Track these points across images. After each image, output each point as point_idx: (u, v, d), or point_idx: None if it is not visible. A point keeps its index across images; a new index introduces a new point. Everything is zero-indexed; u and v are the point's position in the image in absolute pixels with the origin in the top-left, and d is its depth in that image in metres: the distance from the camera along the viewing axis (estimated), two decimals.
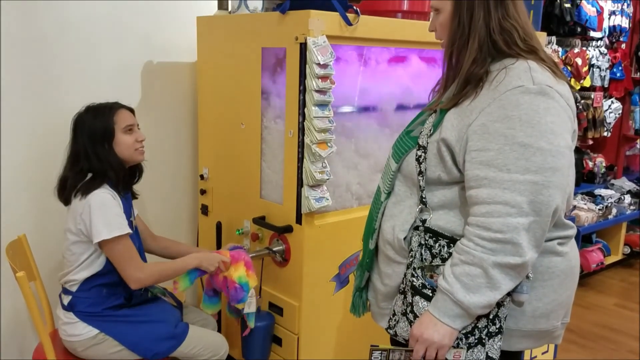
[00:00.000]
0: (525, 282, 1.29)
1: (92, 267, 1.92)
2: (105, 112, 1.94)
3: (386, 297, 1.49)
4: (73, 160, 1.95)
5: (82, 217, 1.86)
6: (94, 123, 1.92)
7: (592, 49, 4.07)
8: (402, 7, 2.39)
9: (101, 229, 1.83)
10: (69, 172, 1.95)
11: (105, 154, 1.91)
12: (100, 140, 1.91)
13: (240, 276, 2.02)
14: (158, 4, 2.59)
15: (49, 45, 2.31)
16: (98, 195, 1.86)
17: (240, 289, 2.01)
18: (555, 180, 1.21)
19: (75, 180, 1.91)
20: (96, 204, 1.85)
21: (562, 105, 1.27)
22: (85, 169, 1.91)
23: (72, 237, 1.91)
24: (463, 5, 1.33)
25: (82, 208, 1.86)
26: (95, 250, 1.90)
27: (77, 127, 1.95)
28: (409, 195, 1.42)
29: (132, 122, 1.98)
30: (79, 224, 1.87)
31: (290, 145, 2.10)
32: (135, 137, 1.98)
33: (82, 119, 1.95)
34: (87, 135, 1.92)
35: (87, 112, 1.96)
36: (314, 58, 1.94)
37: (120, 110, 1.97)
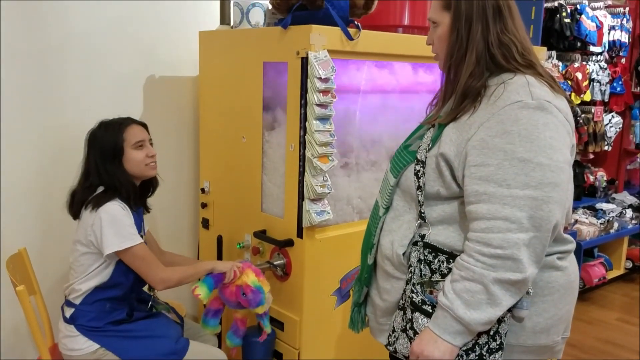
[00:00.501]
0: (525, 297, 1.28)
1: (98, 277, 1.93)
2: (115, 128, 1.96)
3: (385, 313, 1.48)
4: (85, 175, 1.98)
5: (93, 229, 1.87)
6: (104, 139, 1.95)
7: (592, 64, 4.08)
8: (402, 22, 2.41)
9: (113, 240, 1.85)
10: (78, 187, 1.97)
11: (115, 171, 1.93)
12: (110, 157, 1.94)
13: (254, 281, 2.04)
14: (161, 18, 2.61)
15: (52, 58, 2.33)
16: (109, 207, 1.88)
17: (257, 292, 2.03)
18: (555, 196, 1.21)
19: (84, 194, 1.94)
20: (107, 216, 1.86)
21: (561, 120, 1.27)
22: (95, 184, 1.94)
23: (82, 248, 1.92)
24: (461, 19, 1.33)
25: (93, 220, 1.88)
26: (104, 261, 1.92)
27: (90, 142, 1.98)
28: (408, 210, 1.42)
29: (143, 138, 2.00)
30: (89, 235, 1.88)
31: (291, 158, 2.11)
32: (146, 152, 1.99)
33: (94, 135, 1.98)
34: (97, 151, 1.94)
35: (99, 127, 1.99)
36: (316, 72, 1.95)
37: (130, 126, 1.98)
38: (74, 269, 1.96)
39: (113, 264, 1.92)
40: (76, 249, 1.94)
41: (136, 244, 1.88)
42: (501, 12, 1.33)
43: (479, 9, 1.32)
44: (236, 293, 2.03)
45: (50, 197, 2.37)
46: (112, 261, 1.92)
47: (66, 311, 1.96)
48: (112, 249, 1.85)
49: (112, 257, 1.91)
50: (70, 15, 2.34)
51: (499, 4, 1.33)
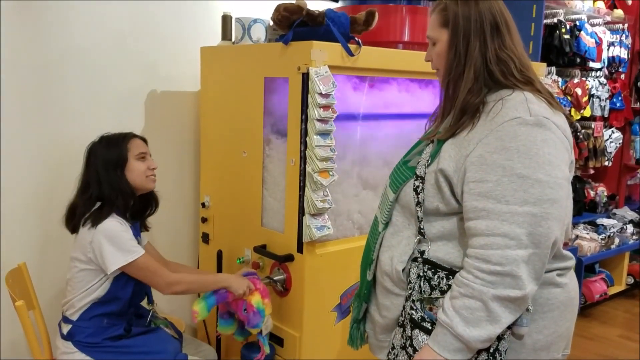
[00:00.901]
0: (525, 314, 1.27)
1: (96, 293, 1.92)
2: (119, 140, 2.00)
3: (384, 330, 1.47)
4: (84, 188, 1.98)
5: (92, 246, 1.87)
6: (108, 150, 1.97)
7: (592, 79, 4.10)
8: (402, 38, 2.42)
9: (116, 256, 1.86)
10: (79, 200, 1.97)
11: (117, 180, 1.95)
12: (113, 167, 1.95)
13: (258, 302, 2.04)
14: (163, 34, 2.62)
15: (54, 72, 2.34)
16: (107, 225, 1.88)
17: (258, 314, 2.03)
18: (554, 212, 1.21)
19: (85, 207, 1.94)
20: (107, 234, 1.87)
21: (559, 136, 1.27)
22: (94, 196, 1.94)
23: (80, 265, 1.91)
24: (459, 36, 1.34)
25: (92, 237, 1.87)
26: (102, 277, 1.91)
27: (90, 155, 1.99)
28: (407, 225, 1.42)
29: (145, 150, 2.03)
30: (88, 253, 1.88)
31: (292, 173, 2.11)
32: (148, 164, 2.02)
33: (95, 148, 1.99)
34: (100, 163, 1.95)
35: (101, 141, 2.01)
36: (316, 88, 1.96)
37: (134, 139, 2.02)
38: (72, 285, 1.95)
39: (111, 278, 1.91)
40: (74, 265, 1.93)
41: (140, 255, 1.88)
42: (499, 29, 1.34)
43: (476, 25, 1.33)
44: (240, 306, 2.03)
45: (50, 212, 2.36)
46: (111, 276, 1.91)
47: (63, 327, 1.95)
48: (118, 264, 1.85)
49: (113, 273, 1.90)
50: (72, 30, 2.36)
51: (496, 21, 1.34)
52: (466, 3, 1.35)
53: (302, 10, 2.04)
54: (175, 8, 2.65)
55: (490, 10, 1.34)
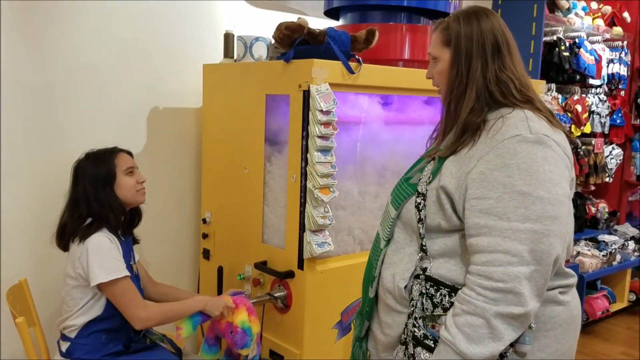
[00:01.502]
0: (527, 332, 1.27)
1: (91, 312, 1.90)
2: (106, 156, 1.98)
3: (387, 348, 1.46)
4: (72, 207, 1.96)
5: (81, 261, 1.86)
6: (95, 168, 1.95)
7: (592, 96, 4.12)
8: (403, 56, 2.44)
9: (98, 272, 1.83)
10: (68, 219, 1.96)
11: (107, 197, 1.93)
12: (102, 184, 1.93)
13: (243, 321, 1.99)
14: (166, 52, 2.65)
15: (56, 89, 2.35)
16: (95, 239, 1.87)
17: (244, 334, 1.98)
18: (555, 229, 1.21)
19: (74, 225, 1.92)
20: (93, 248, 1.85)
21: (560, 154, 1.28)
22: (84, 214, 1.93)
23: (71, 282, 1.90)
24: (461, 56, 1.36)
25: (80, 252, 1.87)
26: (95, 294, 1.89)
27: (78, 173, 1.97)
28: (409, 242, 1.42)
29: (133, 165, 2.01)
30: (77, 268, 1.87)
31: (292, 190, 2.12)
32: (136, 178, 2.01)
33: (82, 166, 1.97)
34: (88, 180, 1.93)
35: (88, 158, 1.99)
36: (317, 105, 1.97)
37: (120, 154, 2.00)
38: (66, 303, 1.93)
39: (105, 296, 1.90)
40: (67, 282, 1.92)
41: (121, 276, 1.85)
42: (500, 50, 1.36)
43: (478, 46, 1.35)
44: (225, 329, 2.00)
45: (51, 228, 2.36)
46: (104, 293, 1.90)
47: (62, 345, 1.94)
48: (98, 280, 1.82)
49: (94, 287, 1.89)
50: (76, 46, 2.38)
51: (497, 42, 1.35)
52: (468, 23, 1.36)
53: (304, 28, 2.06)
54: (178, 26, 2.67)
55: (492, 30, 1.36)
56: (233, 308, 2.01)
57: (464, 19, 1.37)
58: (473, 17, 1.37)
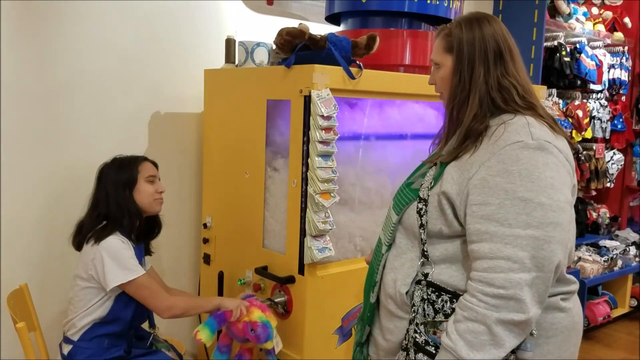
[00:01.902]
0: (529, 339, 1.27)
1: (97, 312, 1.93)
2: (131, 162, 2.05)
3: (388, 353, 1.46)
4: (93, 207, 2.01)
5: (94, 263, 1.88)
6: (119, 172, 2.01)
7: (593, 101, 4.12)
8: (403, 62, 2.45)
9: (117, 273, 1.86)
10: (86, 218, 2.01)
11: (125, 201, 1.98)
12: (122, 187, 1.99)
13: (260, 316, 2.03)
14: (167, 57, 2.65)
15: (58, 95, 2.36)
16: (109, 241, 1.90)
17: (265, 327, 2.01)
18: (557, 236, 1.21)
19: (91, 225, 1.97)
20: (108, 250, 1.88)
21: (561, 160, 1.28)
22: (102, 213, 1.97)
23: (82, 282, 1.92)
24: (464, 62, 1.36)
25: (94, 254, 1.89)
26: (103, 295, 1.92)
27: (102, 175, 2.04)
28: (410, 247, 1.41)
29: (155, 174, 2.08)
30: (90, 270, 1.89)
31: (293, 195, 2.12)
32: (156, 187, 2.07)
33: (107, 169, 2.04)
34: (110, 182, 1.99)
35: (113, 162, 2.05)
36: (318, 110, 1.98)
37: (145, 162, 2.08)
38: (74, 304, 1.95)
39: (112, 298, 1.91)
40: (76, 283, 1.94)
41: (139, 275, 1.89)
42: (502, 56, 1.35)
43: (480, 52, 1.35)
44: (244, 330, 2.01)
45: (53, 233, 2.37)
46: (112, 295, 1.91)
47: (64, 348, 1.95)
48: (117, 282, 1.86)
49: (113, 291, 1.90)
50: (77, 52, 2.39)
51: (500, 48, 1.35)
52: (470, 29, 1.36)
53: (305, 34, 2.07)
54: (180, 31, 2.68)
55: (494, 37, 1.36)
56: (248, 306, 2.03)
57: (466, 25, 1.37)
58: (475, 23, 1.37)
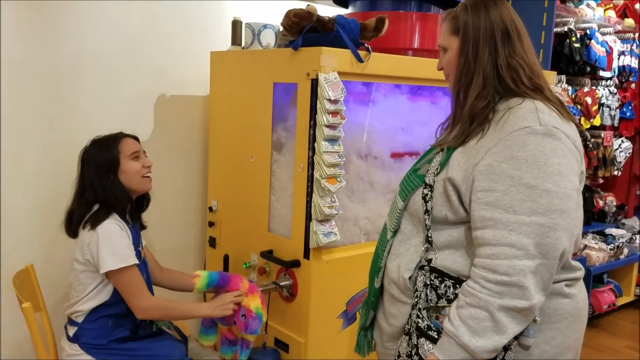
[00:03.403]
0: (532, 325, 1.26)
1: (99, 297, 1.91)
2: (109, 142, 1.97)
3: (391, 337, 1.47)
4: (79, 193, 1.96)
5: (90, 248, 1.86)
6: (99, 155, 1.95)
7: (602, 88, 4.08)
8: (412, 45, 2.42)
9: (108, 259, 1.83)
10: (75, 205, 1.96)
11: (111, 185, 1.92)
12: (105, 171, 1.93)
13: (257, 307, 2.01)
14: (173, 39, 2.64)
15: (64, 76, 2.35)
16: (106, 226, 1.87)
17: (257, 319, 1.99)
18: (562, 223, 1.20)
19: (81, 212, 1.93)
20: (104, 235, 1.86)
21: (569, 146, 1.27)
22: (90, 200, 1.93)
23: (79, 267, 1.91)
24: (469, 43, 1.35)
25: (90, 238, 1.87)
26: (102, 280, 1.90)
27: (84, 160, 1.98)
28: (415, 233, 1.41)
29: (138, 149, 2.00)
30: (86, 254, 1.88)
31: (299, 179, 2.11)
32: (142, 163, 1.99)
33: (87, 153, 1.98)
34: (93, 168, 1.93)
35: (93, 145, 1.99)
36: (325, 94, 1.96)
37: (124, 139, 1.99)
38: (74, 288, 1.95)
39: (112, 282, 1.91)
40: (75, 268, 1.93)
41: (129, 264, 1.86)
42: (510, 36, 1.35)
43: (486, 33, 1.34)
44: (237, 312, 1.99)
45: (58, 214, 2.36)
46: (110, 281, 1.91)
47: (69, 330, 1.95)
48: (107, 267, 1.83)
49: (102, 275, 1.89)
50: (83, 34, 2.38)
51: (507, 28, 1.35)
52: (476, 11, 1.36)
53: (312, 16, 2.04)
54: (186, 13, 2.66)
55: (501, 17, 1.35)
56: (242, 298, 2.00)
57: (472, 7, 1.37)
58: (481, 6, 1.37)
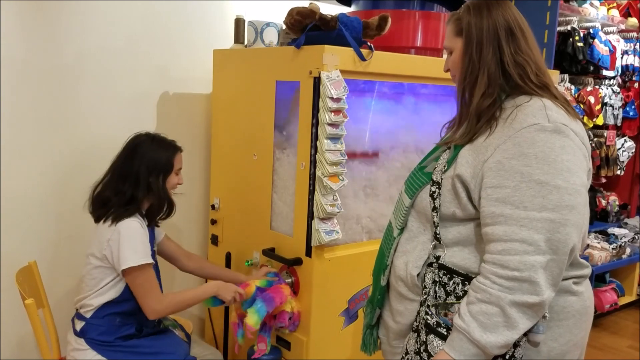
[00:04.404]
0: (541, 321, 1.26)
1: (109, 294, 1.92)
2: (170, 147, 1.99)
3: (398, 335, 1.46)
4: (118, 180, 1.93)
5: (110, 244, 1.86)
6: (158, 153, 1.95)
7: (605, 88, 4.07)
8: (415, 44, 2.42)
9: (129, 256, 1.84)
10: (111, 192, 1.92)
11: (158, 187, 1.94)
12: (156, 172, 1.94)
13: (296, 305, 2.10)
14: (176, 37, 2.64)
15: (67, 75, 2.35)
16: (128, 223, 1.87)
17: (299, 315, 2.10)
18: (572, 219, 1.21)
19: (117, 203, 1.90)
20: (126, 232, 1.86)
21: (577, 143, 1.27)
22: (128, 193, 1.91)
23: (95, 261, 1.91)
24: (472, 43, 1.36)
25: (111, 234, 1.87)
26: (116, 276, 1.91)
27: (137, 149, 1.95)
28: (423, 231, 1.41)
29: (181, 166, 2.04)
30: (104, 250, 1.87)
31: (301, 177, 2.11)
32: (179, 179, 2.04)
33: (144, 145, 1.96)
34: (146, 162, 1.92)
35: (152, 140, 1.98)
36: (327, 92, 1.96)
37: (180, 153, 2.03)
38: (86, 282, 1.95)
39: (124, 280, 1.91)
40: (89, 262, 1.93)
41: (150, 262, 1.88)
42: (514, 34, 1.35)
43: (489, 32, 1.35)
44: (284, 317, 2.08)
45: (61, 211, 2.38)
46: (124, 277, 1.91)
47: (77, 324, 1.96)
48: (128, 264, 1.83)
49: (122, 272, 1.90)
50: (86, 32, 2.37)
51: (510, 26, 1.35)
52: (479, 12, 1.37)
53: (315, 14, 2.04)
54: (188, 11, 2.66)
55: (504, 16, 1.36)
56: (244, 294, 2.04)
57: (475, 8, 1.39)
58: (484, 6, 1.38)
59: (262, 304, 2.01)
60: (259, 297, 2.03)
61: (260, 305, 2.01)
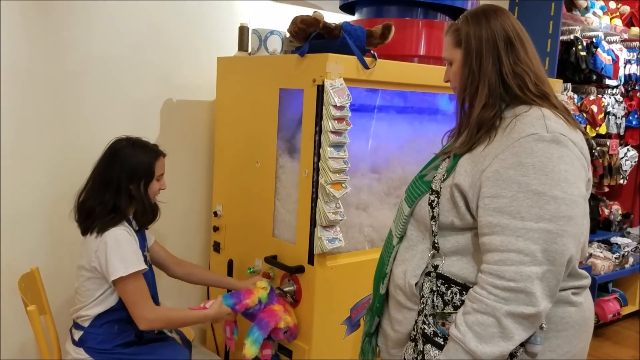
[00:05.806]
0: (539, 332, 1.26)
1: (105, 303, 1.91)
2: (151, 153, 1.93)
3: (397, 344, 1.46)
4: (100, 187, 1.89)
5: (97, 255, 1.85)
6: (138, 159, 1.89)
7: (608, 97, 4.07)
8: (418, 52, 2.43)
9: (118, 266, 1.81)
10: (94, 202, 1.89)
11: (140, 195, 1.90)
12: (137, 179, 1.89)
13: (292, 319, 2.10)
14: (180, 44, 2.65)
15: (72, 81, 2.37)
16: (114, 233, 1.85)
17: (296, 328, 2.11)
18: (569, 229, 1.20)
19: (101, 213, 1.87)
20: (112, 242, 1.84)
21: (576, 153, 1.27)
22: (110, 203, 1.87)
23: (86, 273, 1.90)
24: (472, 54, 1.37)
25: (97, 245, 1.85)
26: (109, 286, 1.89)
27: (117, 155, 1.90)
28: (421, 240, 1.42)
29: (163, 172, 1.99)
30: (93, 262, 1.86)
31: (304, 185, 2.11)
32: (160, 185, 1.99)
33: (123, 150, 1.90)
34: (126, 169, 1.88)
35: (132, 145, 1.92)
36: (331, 100, 1.97)
37: (161, 159, 1.98)
38: (80, 294, 1.94)
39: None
40: (81, 274, 1.92)
41: (139, 269, 1.85)
42: (513, 44, 1.36)
43: (488, 42, 1.35)
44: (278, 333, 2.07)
45: (64, 217, 2.38)
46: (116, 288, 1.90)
47: (75, 334, 1.95)
48: (117, 274, 1.81)
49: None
50: (91, 39, 2.39)
51: (509, 37, 1.36)
52: (477, 22, 1.37)
53: (319, 22, 2.05)
54: (192, 18, 2.67)
55: (503, 27, 1.36)
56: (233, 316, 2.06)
57: (473, 18, 1.39)
58: (482, 16, 1.38)
59: (259, 332, 2.01)
60: (255, 324, 2.03)
61: (257, 334, 2.01)
